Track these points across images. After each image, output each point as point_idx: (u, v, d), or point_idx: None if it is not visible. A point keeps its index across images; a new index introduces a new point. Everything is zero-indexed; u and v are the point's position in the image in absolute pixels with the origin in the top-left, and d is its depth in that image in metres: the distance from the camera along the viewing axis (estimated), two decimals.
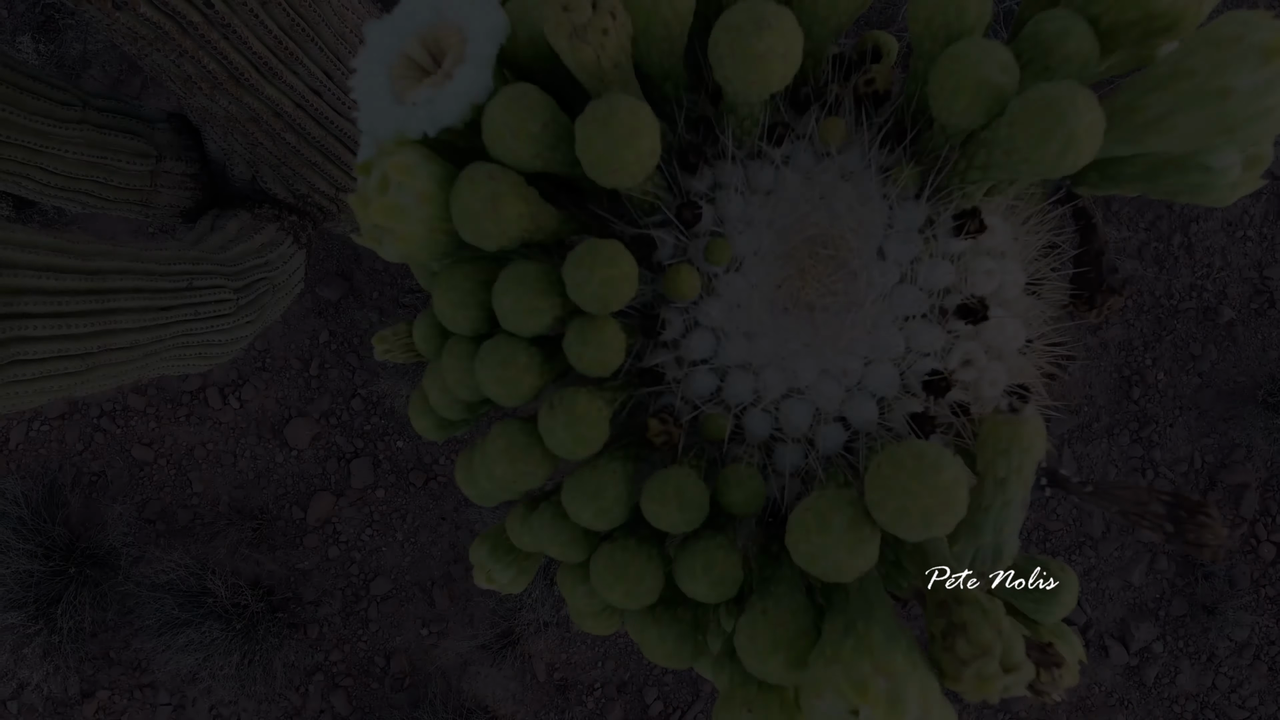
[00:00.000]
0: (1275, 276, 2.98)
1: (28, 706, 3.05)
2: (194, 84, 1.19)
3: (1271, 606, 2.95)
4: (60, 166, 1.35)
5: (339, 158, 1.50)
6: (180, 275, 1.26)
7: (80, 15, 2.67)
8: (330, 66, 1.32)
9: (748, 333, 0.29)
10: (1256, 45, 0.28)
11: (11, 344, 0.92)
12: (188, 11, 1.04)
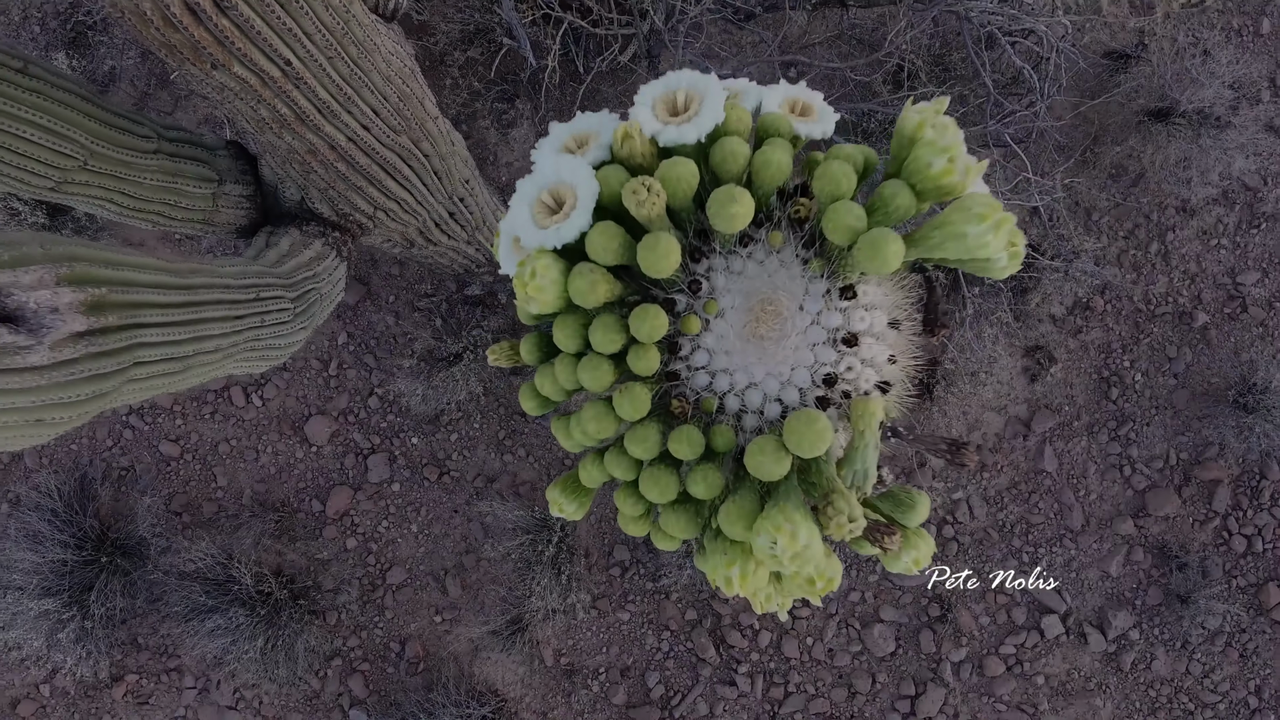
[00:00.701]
0: (1247, 283, 3.21)
1: (59, 690, 3.28)
2: (266, 124, 1.42)
3: (1242, 596, 3.19)
4: (139, 192, 1.58)
5: (379, 182, 1.73)
6: (249, 288, 1.49)
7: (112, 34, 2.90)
8: (378, 105, 1.55)
9: (726, 352, 0.51)
10: (976, 212, 0.50)
11: (134, 349, 1.15)
12: (270, 69, 1.27)
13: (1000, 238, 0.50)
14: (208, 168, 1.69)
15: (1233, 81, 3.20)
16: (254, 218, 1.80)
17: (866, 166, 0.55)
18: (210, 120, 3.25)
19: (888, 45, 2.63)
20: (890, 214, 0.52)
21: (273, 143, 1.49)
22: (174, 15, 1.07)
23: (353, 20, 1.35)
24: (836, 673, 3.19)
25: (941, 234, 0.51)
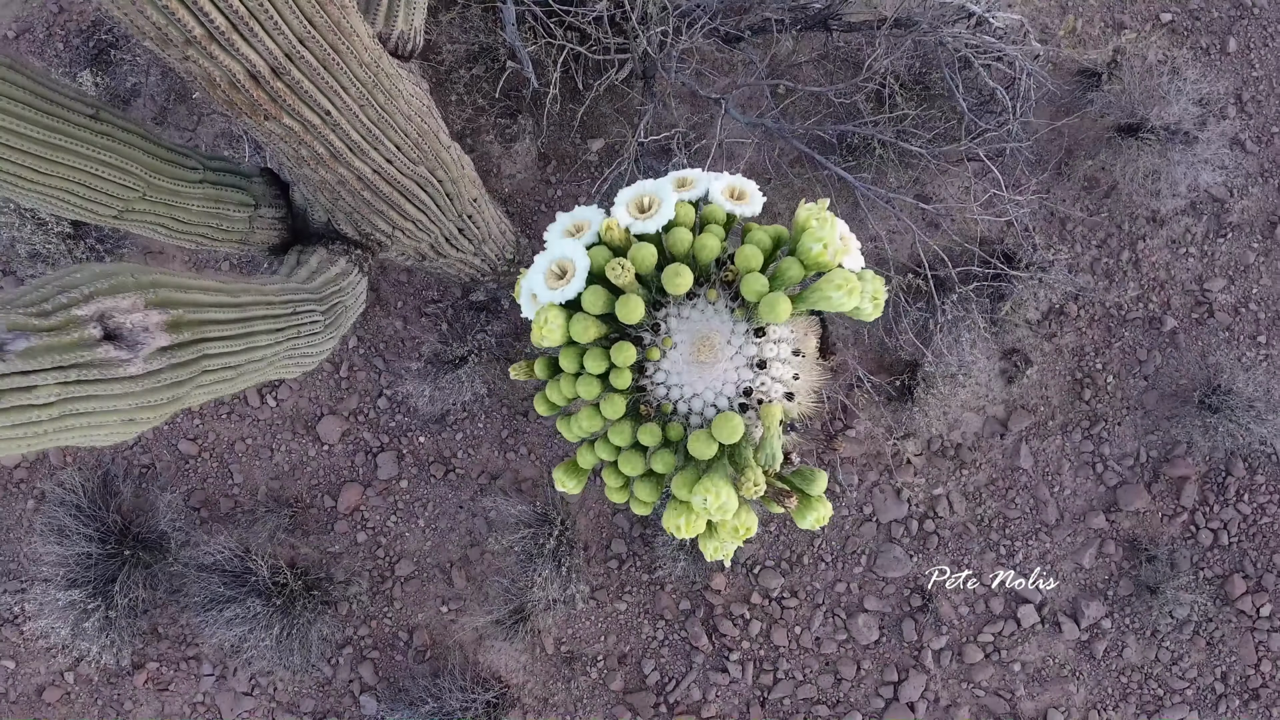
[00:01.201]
0: (1214, 289, 3.45)
1: (83, 678, 3.53)
2: (304, 161, 1.66)
3: (1209, 587, 3.43)
4: (188, 217, 1.83)
5: (399, 206, 1.97)
6: (288, 303, 1.74)
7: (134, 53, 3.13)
8: (400, 141, 1.80)
9: (678, 373, 0.74)
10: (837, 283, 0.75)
11: (201, 360, 1.40)
12: (312, 118, 1.51)
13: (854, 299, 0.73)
14: (245, 193, 1.93)
15: (1200, 98, 3.44)
16: (285, 237, 2.05)
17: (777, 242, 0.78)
18: (227, 134, 3.49)
19: (865, 71, 2.87)
20: (785, 281, 0.75)
21: (308, 175, 1.74)
22: (238, 81, 1.31)
23: (381, 72, 1.59)
24: (823, 660, 3.43)
25: (816, 295, 0.74)
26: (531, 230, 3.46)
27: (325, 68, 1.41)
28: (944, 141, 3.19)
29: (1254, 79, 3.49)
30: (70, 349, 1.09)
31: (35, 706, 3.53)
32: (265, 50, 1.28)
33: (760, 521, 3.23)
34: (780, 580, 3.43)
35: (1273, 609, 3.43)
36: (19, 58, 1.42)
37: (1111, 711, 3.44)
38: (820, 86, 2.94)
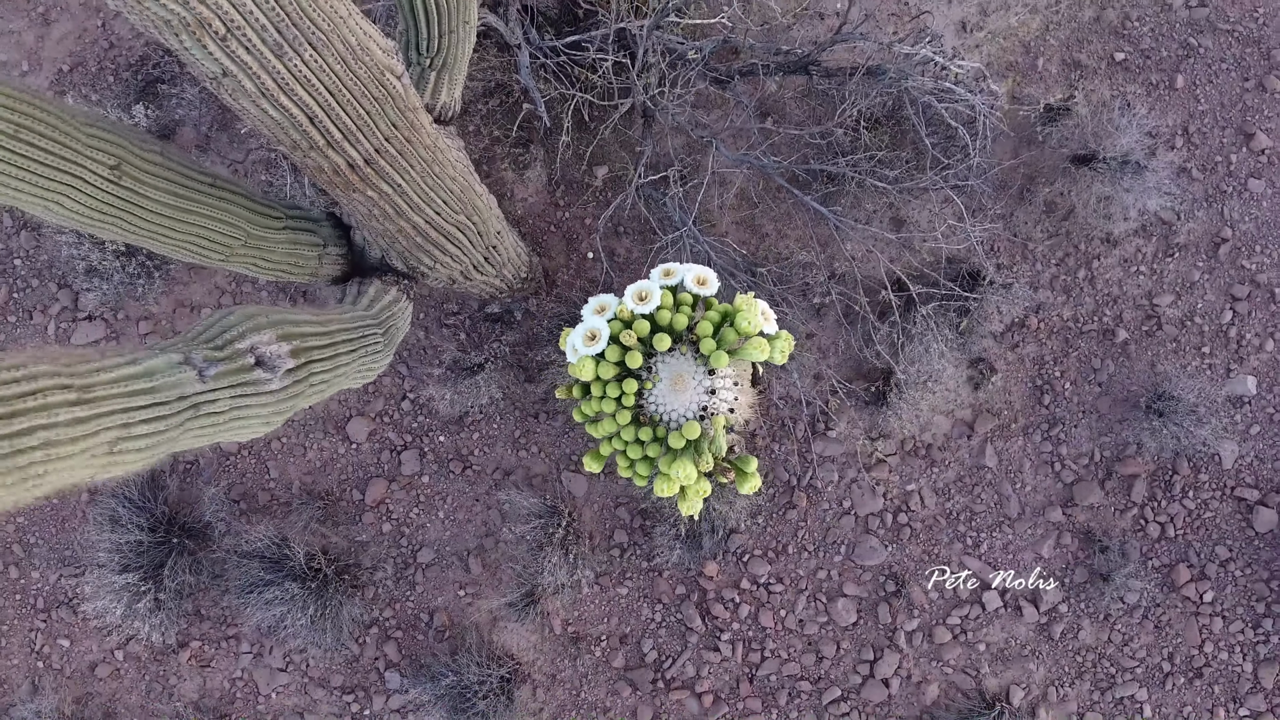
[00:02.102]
0: (1163, 304, 3.99)
1: (132, 655, 4.07)
2: (374, 217, 2.20)
3: (1157, 575, 3.97)
4: (273, 257, 2.37)
5: (442, 246, 2.51)
6: (358, 328, 2.28)
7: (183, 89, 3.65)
8: (447, 197, 2.34)
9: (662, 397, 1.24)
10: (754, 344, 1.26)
11: (310, 377, 1.93)
12: (388, 189, 2.05)
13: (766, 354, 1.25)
14: (316, 236, 2.48)
15: (1150, 130, 3.97)
16: (345, 270, 2.59)
17: (725, 316, 1.30)
18: (265, 161, 4.03)
19: (838, 115, 3.41)
20: (727, 341, 1.27)
21: (374, 226, 2.28)
22: (340, 169, 1.85)
23: (437, 149, 2.13)
24: (806, 640, 3.97)
25: (744, 351, 1.26)
26: (542, 249, 4.00)
27: (400, 156, 1.94)
28: (915, 172, 3.73)
29: (1200, 112, 4.02)
30: (238, 373, 1.63)
31: (88, 681, 4.08)
32: (362, 148, 1.82)
33: (749, 514, 3.77)
34: (767, 568, 3.97)
35: (1214, 595, 3.97)
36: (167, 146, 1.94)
37: (1068, 688, 3.98)
38: (799, 130, 3.48)
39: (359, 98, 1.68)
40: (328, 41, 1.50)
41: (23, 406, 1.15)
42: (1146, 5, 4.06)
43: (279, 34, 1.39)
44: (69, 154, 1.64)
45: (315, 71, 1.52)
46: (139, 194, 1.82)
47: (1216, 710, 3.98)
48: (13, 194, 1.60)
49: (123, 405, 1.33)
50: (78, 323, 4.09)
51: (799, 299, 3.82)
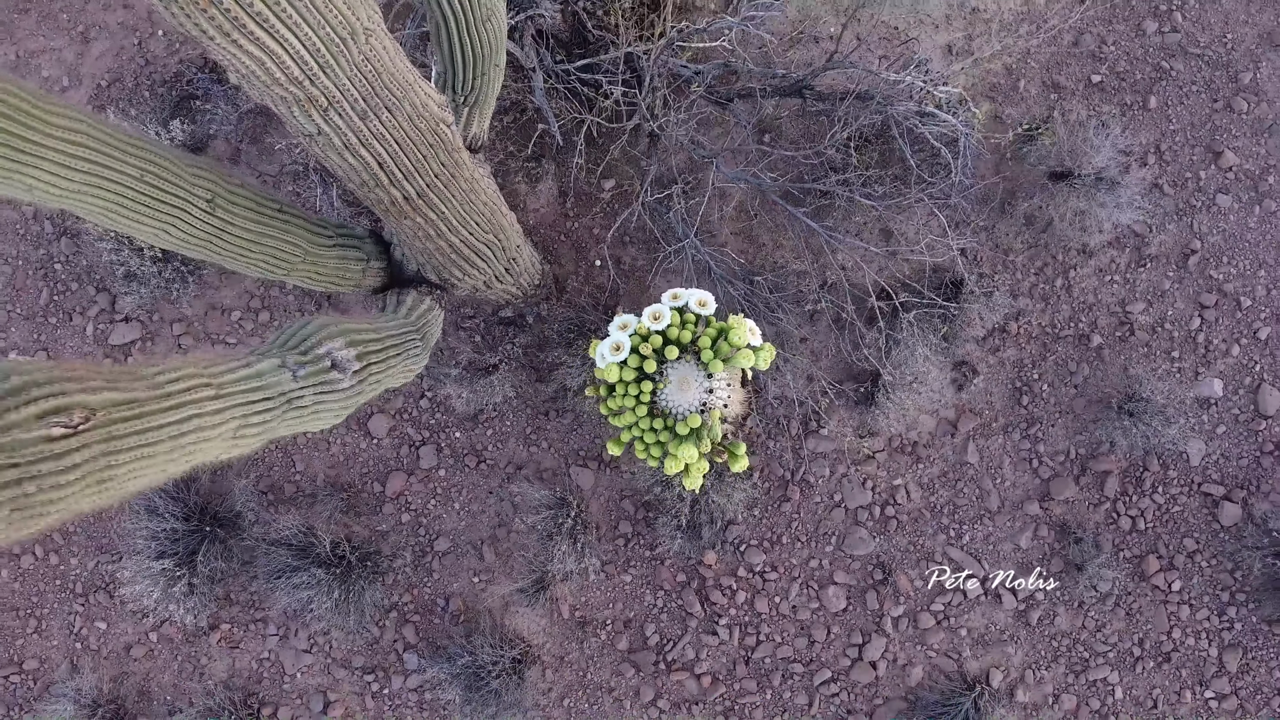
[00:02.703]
0: (1135, 311, 4.41)
1: (165, 637, 4.49)
2: (416, 236, 2.61)
3: (1128, 566, 4.39)
4: (324, 270, 2.78)
5: (471, 260, 2.93)
6: (401, 334, 2.70)
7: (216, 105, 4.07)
8: (479, 219, 2.75)
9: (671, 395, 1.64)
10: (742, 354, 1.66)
11: (370, 376, 2.35)
12: (433, 216, 2.46)
13: (751, 362, 1.65)
14: (360, 251, 2.89)
15: (1124, 148, 4.40)
16: (385, 282, 3.01)
17: (720, 331, 1.70)
18: (292, 172, 4.44)
19: (829, 139, 3.83)
20: (721, 353, 1.67)
21: (415, 244, 2.70)
22: (397, 201, 2.26)
23: (475, 182, 2.55)
24: (799, 625, 4.39)
25: (734, 359, 1.67)
26: (552, 257, 4.42)
27: (446, 188, 2.36)
28: (903, 186, 4.15)
29: (1171, 131, 4.45)
30: (319, 374, 2.05)
31: (123, 661, 4.49)
32: (416, 185, 2.24)
33: (746, 507, 4.20)
34: (763, 557, 4.39)
35: (1182, 585, 4.39)
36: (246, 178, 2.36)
37: (1044, 671, 4.40)
38: (793, 151, 3.90)
39: (418, 145, 2.10)
40: (399, 104, 1.92)
41: (183, 400, 1.57)
42: (1121, 30, 4.48)
43: (365, 103, 1.80)
44: (178, 191, 2.06)
45: (388, 128, 1.93)
46: (227, 222, 2.24)
47: (1184, 693, 4.40)
48: (135, 224, 2.01)
49: (244, 400, 1.75)
50: (115, 324, 4.51)
51: (793, 305, 4.24)
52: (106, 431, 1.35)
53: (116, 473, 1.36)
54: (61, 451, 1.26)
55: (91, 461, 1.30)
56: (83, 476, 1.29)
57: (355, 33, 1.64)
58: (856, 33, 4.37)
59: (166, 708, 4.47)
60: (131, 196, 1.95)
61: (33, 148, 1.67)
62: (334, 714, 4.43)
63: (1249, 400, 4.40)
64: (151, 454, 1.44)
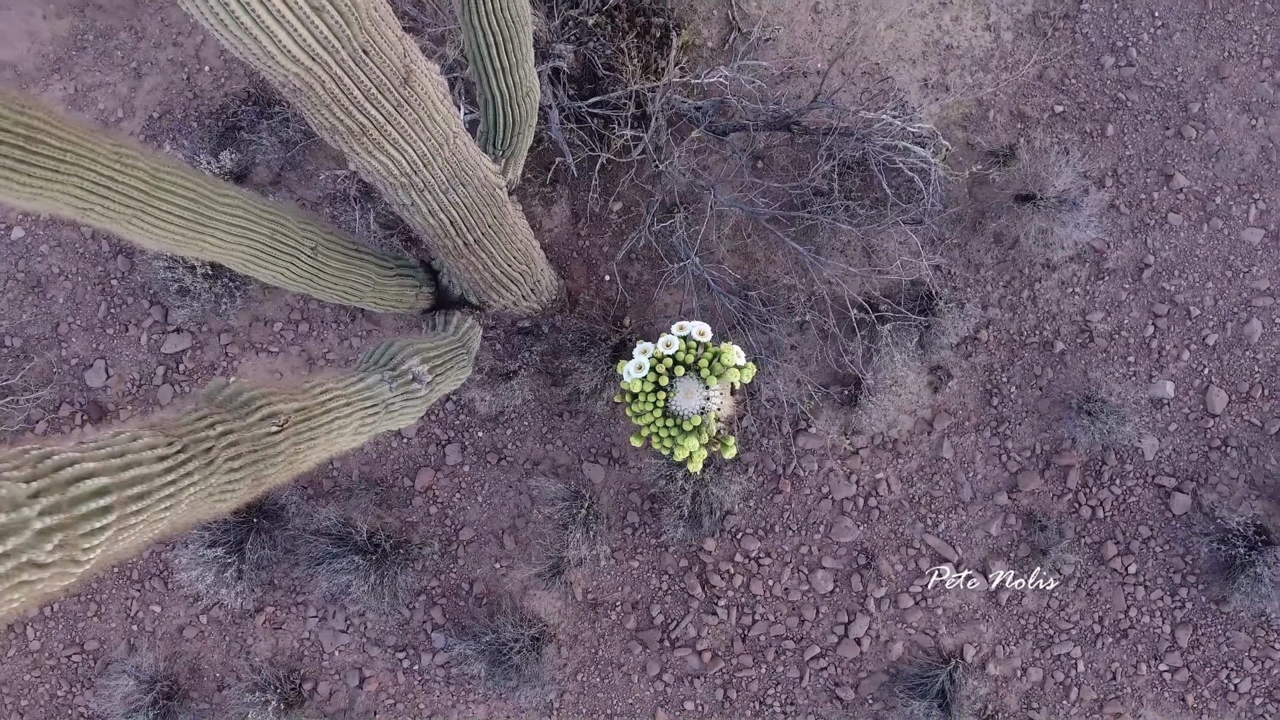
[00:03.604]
0: (1094, 320, 5.20)
1: (214, 619, 5.27)
2: (466, 270, 3.39)
3: (1088, 550, 5.18)
4: (387, 295, 3.57)
5: (508, 286, 3.71)
6: (452, 349, 3.49)
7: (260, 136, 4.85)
8: (516, 254, 3.53)
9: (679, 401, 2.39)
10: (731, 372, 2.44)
11: (436, 385, 3.13)
12: (483, 255, 3.24)
13: (738, 377, 2.40)
14: (414, 279, 3.68)
15: (1084, 171, 5.19)
16: (432, 304, 3.79)
17: (715, 355, 2.46)
18: (330, 196, 5.22)
19: (812, 172, 4.61)
20: (715, 371, 2.43)
21: (463, 276, 3.48)
22: (459, 246, 3.04)
23: (514, 226, 3.33)
24: (790, 605, 5.18)
25: (725, 375, 2.42)
26: (565, 273, 5.20)
27: (495, 234, 3.14)
28: (882, 208, 4.93)
29: (1127, 156, 5.24)
30: (405, 385, 2.83)
31: (176, 642, 5.27)
32: (474, 234, 3.02)
33: (742, 498, 5.03)
34: (758, 544, 5.18)
35: (1137, 568, 5.18)
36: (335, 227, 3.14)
37: (1013, 646, 5.19)
38: (781, 183, 4.69)
39: (479, 205, 2.88)
40: (470, 180, 2.69)
41: (327, 407, 2.35)
42: (1082, 64, 5.27)
43: (448, 183, 2.58)
44: (293, 243, 2.84)
45: (461, 198, 2.71)
46: (324, 263, 3.02)
47: (1140, 666, 5.20)
48: (262, 269, 2.79)
49: (361, 405, 2.53)
50: (167, 335, 5.29)
51: (784, 316, 5.03)
52: (295, 430, 2.13)
53: (302, 455, 2.14)
54: (276, 442, 2.04)
55: (291, 448, 2.08)
56: (286, 457, 2.07)
57: (447, 139, 2.42)
58: (841, 68, 5.16)
59: (216, 684, 5.26)
60: (264, 250, 2.73)
61: (209, 220, 2.45)
62: (369, 688, 5.22)
63: (1198, 400, 5.20)
64: (318, 443, 2.23)
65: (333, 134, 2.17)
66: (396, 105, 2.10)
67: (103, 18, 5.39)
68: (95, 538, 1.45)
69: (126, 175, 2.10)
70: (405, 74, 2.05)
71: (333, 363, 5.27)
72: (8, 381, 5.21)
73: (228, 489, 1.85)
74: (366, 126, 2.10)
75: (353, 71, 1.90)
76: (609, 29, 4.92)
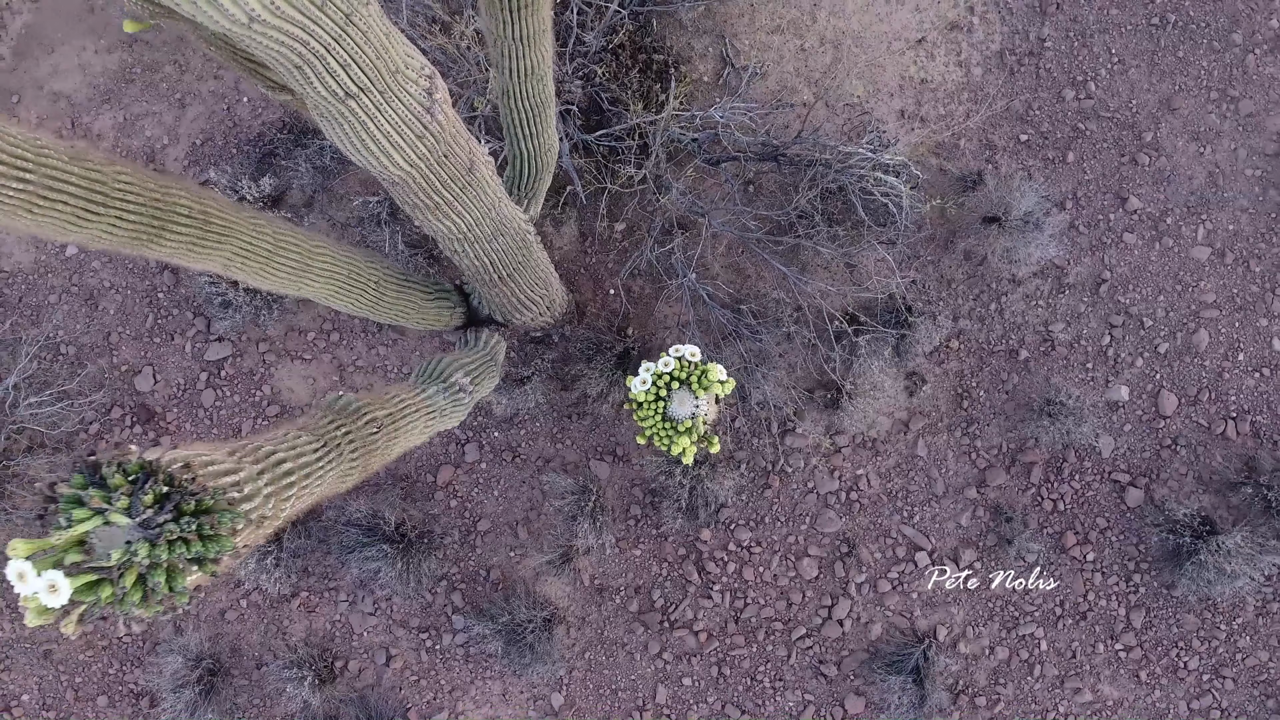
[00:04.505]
0: (1056, 330, 6.15)
1: (253, 603, 6.22)
2: (497, 296, 4.34)
3: (1050, 540, 6.13)
4: (428, 316, 4.53)
5: (530, 305, 4.67)
6: (484, 361, 4.45)
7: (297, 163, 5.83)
8: (539, 280, 4.48)
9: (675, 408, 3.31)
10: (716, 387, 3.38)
11: (476, 392, 4.08)
12: (513, 285, 4.19)
13: (720, 390, 3.32)
14: (449, 301, 4.63)
15: (1046, 195, 6.14)
16: (464, 322, 4.74)
17: (703, 372, 3.38)
18: (359, 220, 6.16)
19: (796, 201, 5.56)
20: (702, 384, 3.34)
21: (493, 299, 4.43)
22: (495, 278, 3.99)
23: (538, 259, 4.28)
24: (779, 590, 6.14)
25: (711, 388, 3.34)
26: (573, 287, 6.15)
27: (523, 268, 4.09)
28: (861, 228, 5.88)
29: (1086, 181, 6.18)
30: (454, 394, 3.77)
31: (219, 624, 6.23)
32: (509, 269, 3.96)
33: (735, 493, 6.02)
34: (749, 534, 6.13)
35: (1095, 556, 6.14)
36: (392, 263, 4.08)
37: (981, 627, 6.15)
38: (768, 211, 5.64)
39: (514, 248, 3.82)
40: (509, 229, 3.64)
41: (405, 413, 3.30)
42: (1045, 97, 6.22)
43: (493, 233, 3.51)
44: (364, 278, 3.78)
45: (500, 244, 3.65)
46: (384, 293, 3.97)
47: (1097, 645, 6.15)
48: (338, 301, 3.73)
49: (426, 411, 3.48)
50: (209, 343, 6.24)
51: (772, 327, 5.98)
52: (387, 430, 3.08)
53: (392, 448, 3.08)
54: (376, 439, 2.98)
55: (386, 443, 3.03)
56: (382, 450, 3.02)
57: (494, 205, 3.36)
58: (825, 100, 6.11)
59: (255, 662, 6.21)
60: (343, 286, 3.68)
61: (308, 268, 3.39)
62: (395, 666, 6.17)
63: (1151, 403, 6.15)
64: (399, 440, 3.17)
65: (414, 208, 3.11)
66: (463, 188, 3.03)
67: (149, 53, 6.33)
68: (287, 498, 2.40)
69: (260, 240, 3.04)
70: (470, 166, 2.99)
71: (361, 369, 6.22)
72: (65, 387, 6.16)
73: (349, 472, 2.80)
74: (439, 204, 3.04)
75: (436, 170, 2.84)
76: (614, 66, 5.87)
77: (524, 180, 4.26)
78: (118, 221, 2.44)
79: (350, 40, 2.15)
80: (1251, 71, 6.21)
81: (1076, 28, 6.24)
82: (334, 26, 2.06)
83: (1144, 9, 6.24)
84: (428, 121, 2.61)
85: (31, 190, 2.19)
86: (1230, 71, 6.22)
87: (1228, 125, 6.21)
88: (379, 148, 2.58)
